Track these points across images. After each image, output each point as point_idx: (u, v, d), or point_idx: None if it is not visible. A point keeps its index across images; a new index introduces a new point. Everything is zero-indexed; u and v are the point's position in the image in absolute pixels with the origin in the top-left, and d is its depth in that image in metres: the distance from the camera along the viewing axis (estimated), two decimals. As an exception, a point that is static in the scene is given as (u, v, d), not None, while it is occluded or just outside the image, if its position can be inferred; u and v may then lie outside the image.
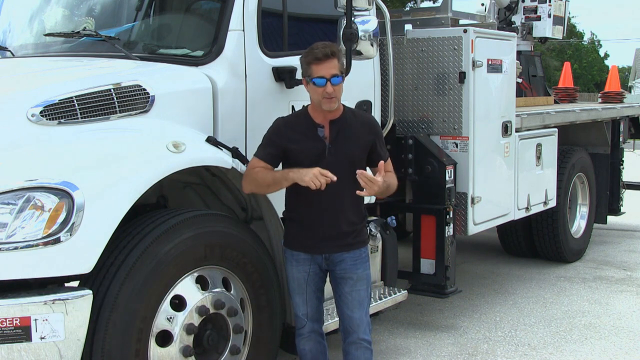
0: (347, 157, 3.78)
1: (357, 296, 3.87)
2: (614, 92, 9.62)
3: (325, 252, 3.84)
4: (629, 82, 32.56)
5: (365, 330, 3.90)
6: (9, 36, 5.07)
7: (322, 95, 3.70)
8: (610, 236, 9.60)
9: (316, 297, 3.95)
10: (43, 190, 3.23)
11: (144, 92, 3.88)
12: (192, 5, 4.88)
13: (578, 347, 5.49)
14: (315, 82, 3.69)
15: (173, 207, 4.29)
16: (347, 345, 3.93)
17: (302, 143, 3.78)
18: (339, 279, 3.89)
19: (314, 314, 3.97)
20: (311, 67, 3.71)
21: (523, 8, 8.94)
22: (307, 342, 3.99)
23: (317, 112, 3.82)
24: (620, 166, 9.10)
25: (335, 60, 3.71)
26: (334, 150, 3.77)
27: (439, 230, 5.59)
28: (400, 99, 5.82)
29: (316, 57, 3.70)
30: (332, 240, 3.81)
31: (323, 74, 3.67)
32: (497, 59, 6.02)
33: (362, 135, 3.85)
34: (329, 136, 3.79)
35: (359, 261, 3.88)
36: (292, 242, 3.91)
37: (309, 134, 3.79)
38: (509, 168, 6.37)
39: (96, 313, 3.33)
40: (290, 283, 3.96)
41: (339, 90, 3.73)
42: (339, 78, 3.71)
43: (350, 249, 3.85)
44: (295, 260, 3.89)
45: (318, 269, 3.90)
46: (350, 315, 3.89)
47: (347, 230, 3.84)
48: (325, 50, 3.70)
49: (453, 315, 6.23)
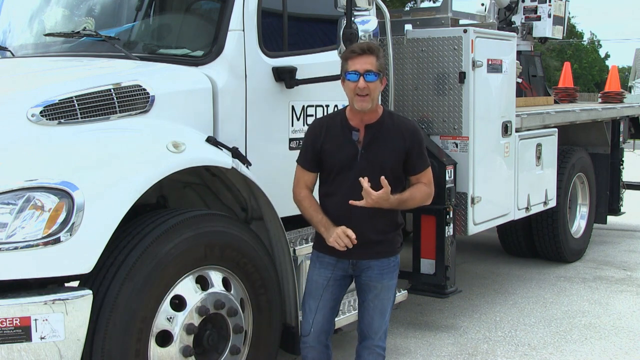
0: (379, 163, 3.61)
1: (380, 305, 3.77)
2: (614, 92, 9.62)
3: (353, 258, 3.71)
4: (629, 82, 32.56)
5: (381, 337, 3.83)
6: (9, 36, 5.07)
7: (354, 92, 3.54)
8: (610, 236, 9.60)
9: (330, 307, 3.81)
10: (43, 190, 3.23)
11: (144, 92, 3.88)
12: (192, 5, 4.88)
13: (578, 347, 5.49)
14: (348, 76, 3.56)
15: (173, 207, 4.29)
16: (362, 349, 3.86)
17: (335, 146, 3.66)
18: (363, 285, 3.78)
19: (324, 325, 3.81)
20: (347, 62, 3.59)
21: (523, 8, 8.94)
22: (310, 351, 3.87)
23: (354, 114, 3.67)
24: (620, 166, 9.10)
25: (373, 58, 3.55)
26: (366, 156, 3.62)
27: (439, 230, 5.60)
28: (400, 99, 5.83)
29: (352, 50, 3.59)
30: (361, 246, 3.65)
31: (357, 69, 3.52)
32: (497, 59, 6.03)
33: (398, 142, 3.66)
34: (363, 141, 3.64)
35: (386, 270, 3.74)
36: (320, 244, 3.78)
37: (342, 136, 3.66)
38: (509, 168, 6.37)
39: (96, 313, 3.32)
40: (308, 286, 3.84)
41: (373, 88, 3.55)
42: (375, 76, 3.53)
43: (378, 257, 3.72)
44: (320, 262, 3.78)
45: (341, 275, 3.77)
46: (370, 322, 3.79)
47: (376, 239, 3.68)
48: (363, 46, 3.60)
49: (453, 315, 6.23)
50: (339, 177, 3.67)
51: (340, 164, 3.65)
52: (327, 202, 3.72)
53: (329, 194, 3.71)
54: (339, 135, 3.67)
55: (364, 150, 3.64)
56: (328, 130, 3.71)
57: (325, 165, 3.71)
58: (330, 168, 3.68)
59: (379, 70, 3.57)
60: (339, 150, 3.66)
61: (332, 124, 3.74)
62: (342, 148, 3.66)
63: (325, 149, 3.68)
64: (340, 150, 3.66)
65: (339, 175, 3.67)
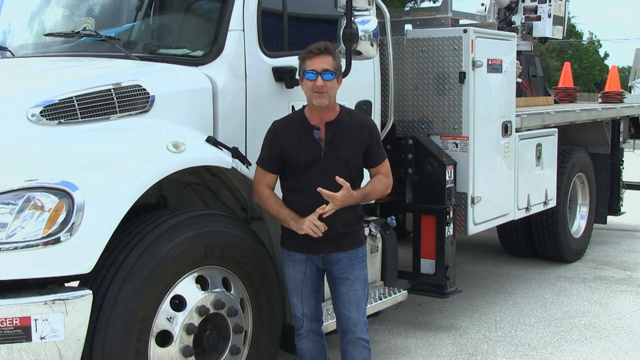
0: (343, 158, 3.80)
1: (354, 296, 3.89)
2: (614, 92, 9.62)
3: (322, 252, 3.85)
4: (629, 82, 32.53)
5: (362, 330, 3.91)
6: (9, 36, 5.07)
7: (312, 90, 3.72)
8: (610, 236, 9.60)
9: (314, 297, 3.97)
10: (43, 190, 3.23)
11: (144, 92, 3.88)
12: (192, 5, 4.88)
13: (578, 347, 5.49)
14: (306, 75, 3.72)
15: (173, 207, 4.30)
16: (345, 345, 3.95)
17: (297, 145, 3.80)
18: (335, 279, 3.90)
19: (312, 314, 3.98)
20: (305, 62, 3.75)
21: (523, 8, 8.94)
22: (305, 342, 4.01)
23: (313, 113, 3.83)
24: (620, 166, 9.10)
25: (329, 57, 3.74)
26: (329, 152, 3.78)
27: (439, 230, 5.59)
28: (400, 99, 5.82)
29: (310, 51, 3.75)
30: (328, 240, 3.80)
31: (314, 68, 3.71)
32: (497, 59, 6.02)
33: (358, 136, 3.85)
34: (325, 138, 3.80)
35: (355, 261, 3.89)
36: (288, 243, 3.93)
37: (304, 135, 3.81)
38: (509, 168, 6.37)
39: (96, 313, 3.32)
40: (288, 283, 3.98)
41: (330, 86, 3.73)
42: (331, 75, 3.72)
43: (347, 249, 3.87)
44: (292, 260, 3.91)
45: (315, 269, 3.91)
46: (347, 315, 3.90)
47: (343, 231, 3.84)
48: (319, 46, 3.75)
49: (453, 315, 6.23)
50: (304, 174, 3.79)
51: (304, 162, 3.77)
52: (293, 198, 3.84)
53: (295, 190, 3.82)
54: (299, 134, 3.81)
55: (327, 147, 3.78)
56: (289, 131, 3.84)
57: (289, 165, 3.81)
58: (296, 167, 3.80)
59: (335, 69, 3.76)
60: (302, 149, 3.78)
61: (292, 124, 3.87)
62: (304, 147, 3.79)
63: (287, 149, 3.80)
64: (303, 149, 3.78)
65: (304, 173, 3.79)
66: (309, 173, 3.79)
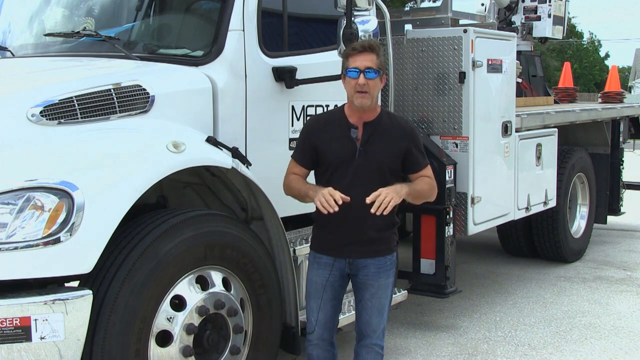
0: (377, 161, 3.64)
1: (377, 304, 3.77)
2: (614, 92, 9.62)
3: (349, 257, 3.72)
4: (629, 82, 32.50)
5: (379, 336, 3.82)
6: (9, 36, 5.07)
7: (354, 89, 3.57)
8: (610, 236, 9.60)
9: (332, 305, 3.82)
10: (43, 190, 3.23)
11: (144, 92, 3.88)
12: (192, 5, 4.88)
13: (578, 347, 5.49)
14: (349, 73, 3.59)
15: (173, 207, 4.30)
16: (360, 347, 3.85)
17: (333, 143, 3.68)
18: (360, 284, 3.78)
19: (327, 322, 3.83)
20: (348, 60, 3.63)
21: (523, 8, 8.95)
22: (314, 349, 3.88)
23: (353, 112, 3.69)
24: (620, 166, 9.11)
25: (373, 55, 3.59)
26: (364, 153, 3.64)
27: (439, 230, 5.60)
28: (400, 99, 5.83)
29: (354, 48, 3.64)
30: (357, 245, 3.68)
31: (357, 65, 3.56)
32: (497, 59, 6.03)
33: (396, 140, 3.69)
34: (361, 138, 3.66)
35: (382, 269, 3.75)
36: (317, 244, 3.81)
37: (341, 133, 3.67)
38: (509, 168, 6.37)
39: (96, 313, 3.32)
40: (308, 286, 3.85)
41: (373, 86, 3.58)
42: (375, 73, 3.57)
43: (375, 256, 3.72)
44: (317, 263, 3.79)
45: (339, 275, 3.77)
46: (367, 320, 3.79)
47: (374, 237, 3.70)
48: (363, 43, 3.65)
49: (453, 315, 6.23)
50: (336, 173, 3.67)
51: (338, 161, 3.66)
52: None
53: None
54: (337, 131, 3.69)
55: (362, 148, 3.65)
56: (326, 127, 3.73)
57: (323, 162, 3.71)
58: (328, 164, 3.69)
59: (379, 67, 3.61)
60: (338, 147, 3.67)
61: (330, 121, 3.77)
62: (340, 145, 3.67)
63: (323, 145, 3.69)
64: (338, 146, 3.67)
65: (336, 172, 3.67)
66: (341, 173, 3.64)
